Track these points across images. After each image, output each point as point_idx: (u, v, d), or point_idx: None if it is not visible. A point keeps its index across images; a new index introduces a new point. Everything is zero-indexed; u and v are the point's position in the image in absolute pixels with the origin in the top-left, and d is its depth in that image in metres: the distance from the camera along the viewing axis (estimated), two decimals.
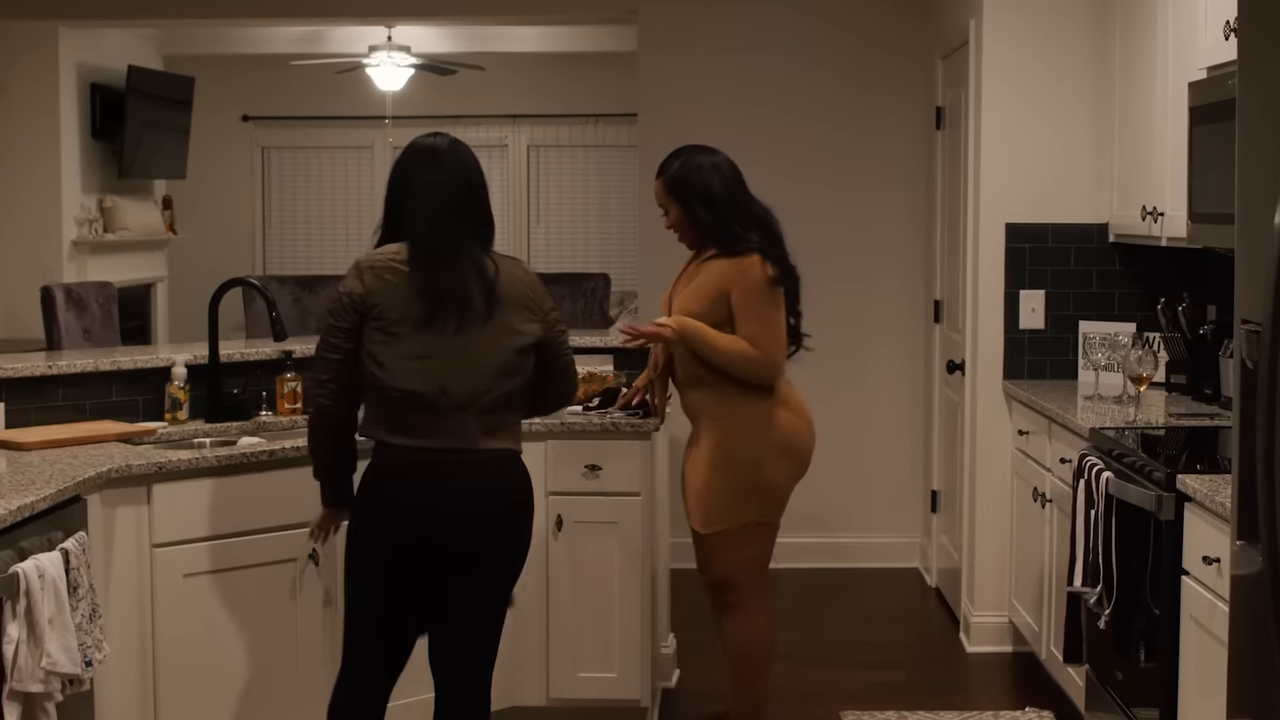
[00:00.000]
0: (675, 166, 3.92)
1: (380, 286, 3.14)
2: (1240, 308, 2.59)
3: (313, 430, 3.31)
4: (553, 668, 4.30)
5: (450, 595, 3.21)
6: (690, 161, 3.91)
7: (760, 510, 3.87)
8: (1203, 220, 3.72)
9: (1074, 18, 5.03)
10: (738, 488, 3.83)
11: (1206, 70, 3.75)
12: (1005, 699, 4.67)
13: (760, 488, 3.84)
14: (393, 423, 3.17)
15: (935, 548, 6.01)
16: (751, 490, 3.83)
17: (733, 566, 3.90)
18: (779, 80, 6.32)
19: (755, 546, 3.91)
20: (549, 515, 4.26)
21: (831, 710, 4.48)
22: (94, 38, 7.98)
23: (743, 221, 3.85)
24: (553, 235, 10.45)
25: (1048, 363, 5.08)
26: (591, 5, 7.24)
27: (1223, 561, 2.92)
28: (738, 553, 3.88)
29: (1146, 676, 3.46)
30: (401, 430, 3.16)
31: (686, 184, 3.87)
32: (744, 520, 3.85)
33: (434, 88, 9.72)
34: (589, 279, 7.64)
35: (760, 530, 3.89)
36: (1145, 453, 3.61)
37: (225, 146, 10.22)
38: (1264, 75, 2.50)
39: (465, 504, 3.16)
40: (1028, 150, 5.07)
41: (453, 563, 3.18)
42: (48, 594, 2.84)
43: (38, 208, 7.66)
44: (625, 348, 4.82)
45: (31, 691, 2.80)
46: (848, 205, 6.36)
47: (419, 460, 3.15)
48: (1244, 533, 2.53)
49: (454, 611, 3.22)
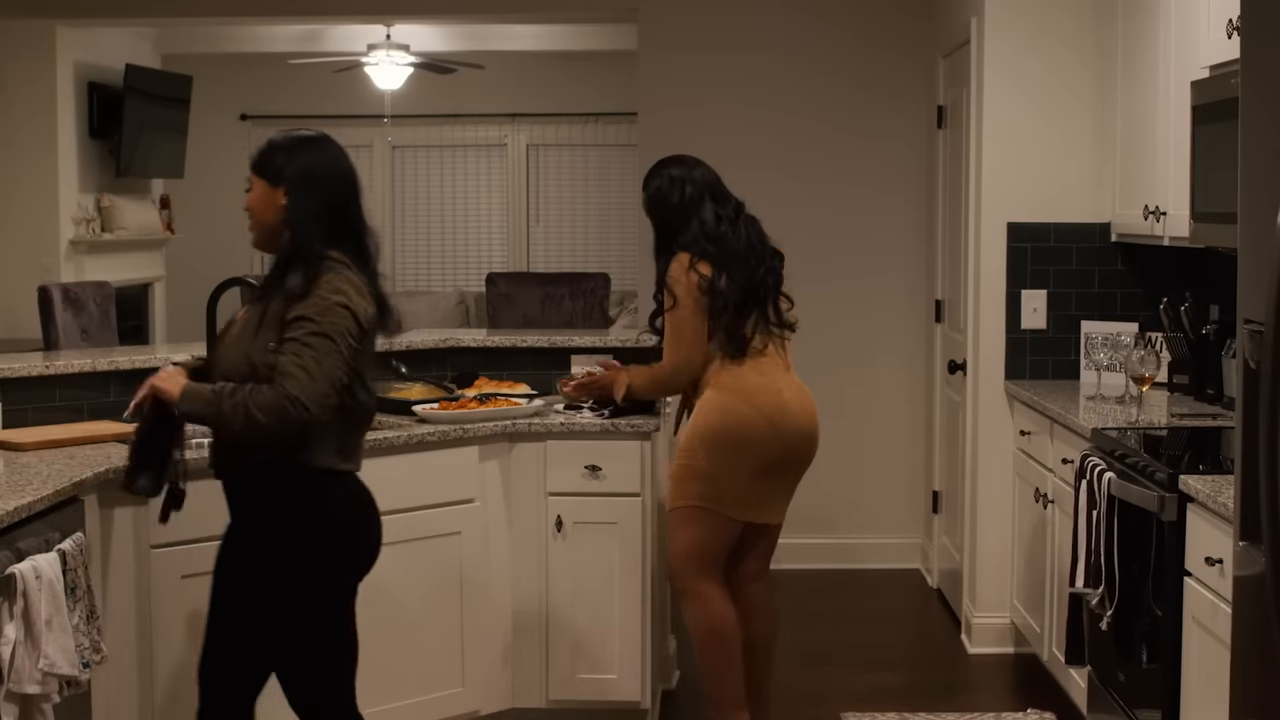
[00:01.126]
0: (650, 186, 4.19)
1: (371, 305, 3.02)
2: (1243, 307, 2.59)
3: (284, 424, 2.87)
4: (552, 669, 4.29)
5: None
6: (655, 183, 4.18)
7: (702, 496, 3.93)
8: (1205, 220, 3.71)
9: (1076, 16, 5.01)
10: (680, 470, 3.96)
11: (1209, 69, 3.74)
12: (1007, 700, 4.66)
13: (700, 474, 3.92)
14: (347, 448, 3.03)
15: (936, 548, 6.00)
16: (691, 475, 3.93)
17: (673, 549, 4.01)
18: (779, 80, 6.30)
19: (695, 531, 3.95)
20: (548, 516, 4.25)
21: (832, 711, 4.46)
22: (92, 36, 7.96)
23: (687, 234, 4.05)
24: (552, 235, 10.43)
25: (1049, 363, 5.07)
26: (591, 4, 7.23)
27: (1225, 562, 2.91)
28: (676, 533, 3.99)
29: (1149, 678, 3.44)
30: (351, 456, 3.05)
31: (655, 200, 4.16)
32: (685, 502, 3.94)
33: (433, 87, 9.71)
34: (589, 279, 7.62)
35: (701, 515, 3.93)
36: (1147, 453, 3.60)
37: (223, 145, 10.20)
38: (1267, 74, 2.49)
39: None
40: (1030, 149, 5.06)
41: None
42: (45, 595, 2.83)
43: (35, 207, 7.65)
44: (625, 347, 4.82)
45: (29, 693, 2.79)
46: (849, 204, 6.35)
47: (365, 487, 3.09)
48: (1246, 533, 2.53)
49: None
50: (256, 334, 2.95)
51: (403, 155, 10.43)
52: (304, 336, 2.87)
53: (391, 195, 10.42)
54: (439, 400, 4.35)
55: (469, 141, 10.41)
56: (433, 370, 4.76)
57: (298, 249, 2.95)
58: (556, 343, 4.88)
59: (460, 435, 4.15)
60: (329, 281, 2.92)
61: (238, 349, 2.98)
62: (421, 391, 4.44)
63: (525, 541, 4.28)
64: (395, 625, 4.01)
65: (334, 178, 3.02)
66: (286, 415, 2.84)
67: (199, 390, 2.92)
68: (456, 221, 10.49)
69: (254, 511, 3.00)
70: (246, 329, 2.99)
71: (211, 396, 2.89)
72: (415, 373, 4.66)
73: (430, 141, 10.40)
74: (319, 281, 2.91)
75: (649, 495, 4.29)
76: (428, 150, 10.44)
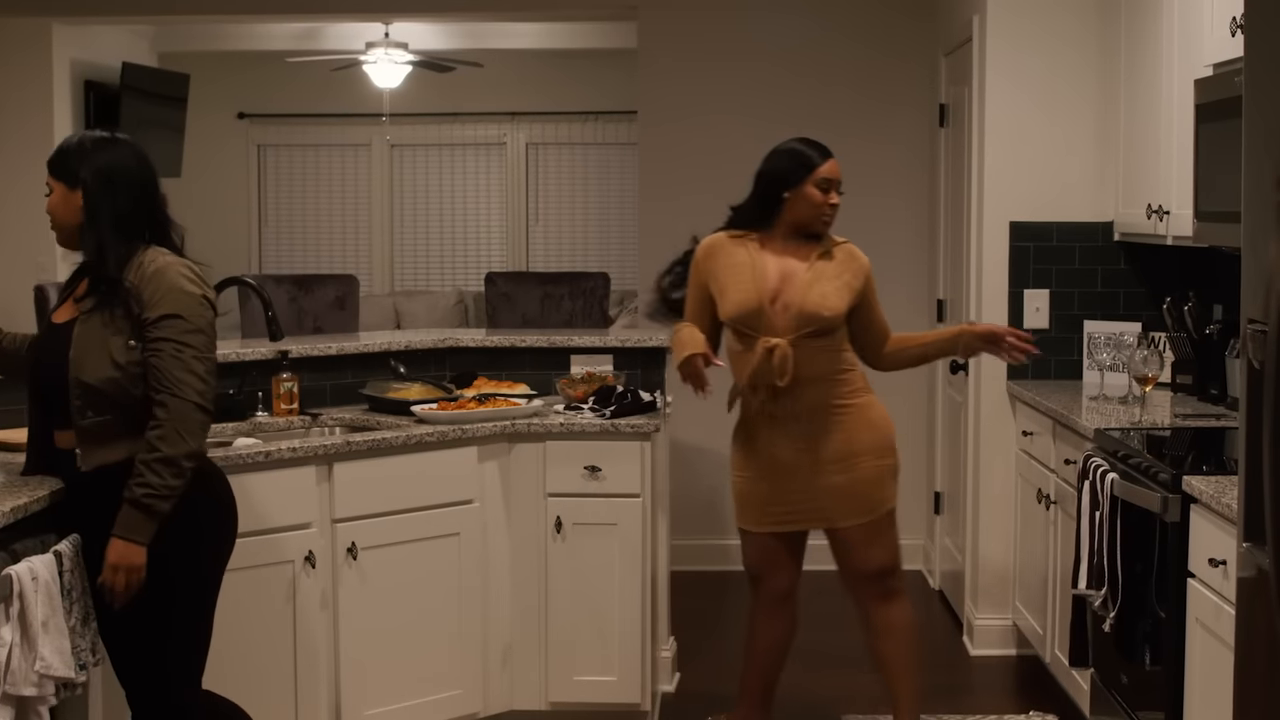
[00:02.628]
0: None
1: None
2: (1247, 307, 2.57)
3: (203, 431, 3.00)
4: (551, 671, 4.27)
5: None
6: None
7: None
8: (1209, 219, 3.69)
9: (1078, 14, 5.00)
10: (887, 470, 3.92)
11: (1213, 67, 3.72)
12: (1009, 703, 4.65)
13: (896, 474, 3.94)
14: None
15: (938, 550, 5.98)
16: (893, 475, 3.93)
17: (894, 548, 3.98)
18: (780, 79, 6.28)
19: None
20: (548, 517, 4.24)
21: (833, 713, 4.45)
22: (88, 35, 7.94)
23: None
24: (551, 234, 10.41)
25: (1052, 363, 5.05)
26: (591, 1, 7.21)
27: (1229, 564, 2.89)
28: (891, 533, 3.96)
29: (1152, 680, 3.43)
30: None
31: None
32: (893, 503, 3.94)
33: (432, 85, 9.69)
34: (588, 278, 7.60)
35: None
36: (1150, 454, 3.58)
37: (221, 144, 10.19)
38: (1271, 72, 2.47)
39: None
40: (1032, 148, 5.05)
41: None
42: (41, 597, 2.81)
43: (31, 205, 7.59)
44: (624, 347, 4.80)
45: (25, 695, 2.78)
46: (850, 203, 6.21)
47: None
48: (1250, 534, 2.52)
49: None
50: (109, 335, 2.96)
51: (401, 154, 10.41)
52: (180, 335, 2.94)
53: (390, 194, 10.40)
54: (437, 400, 4.33)
55: (468, 140, 10.39)
56: (431, 370, 4.75)
57: (101, 248, 2.99)
58: (556, 343, 4.86)
59: (459, 436, 4.13)
60: (175, 272, 2.98)
61: (99, 354, 2.96)
62: (420, 392, 4.43)
63: (524, 543, 4.26)
64: (394, 627, 4.00)
65: (130, 176, 3.05)
66: (201, 423, 2.96)
67: (133, 516, 2.91)
68: (455, 221, 10.47)
69: (110, 506, 2.97)
70: (93, 331, 2.98)
71: (144, 496, 2.90)
72: (414, 373, 4.64)
73: (429, 140, 10.38)
74: (161, 272, 2.96)
75: (649, 496, 4.28)
76: (426, 149, 10.42)
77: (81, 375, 2.97)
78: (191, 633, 3.10)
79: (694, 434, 5.93)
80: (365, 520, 3.94)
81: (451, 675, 4.14)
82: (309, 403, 4.45)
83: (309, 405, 4.44)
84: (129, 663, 3.07)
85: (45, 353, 3.10)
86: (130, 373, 2.95)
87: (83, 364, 2.97)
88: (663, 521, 4.56)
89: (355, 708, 3.94)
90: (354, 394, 4.57)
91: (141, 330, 2.95)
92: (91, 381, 2.95)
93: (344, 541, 3.89)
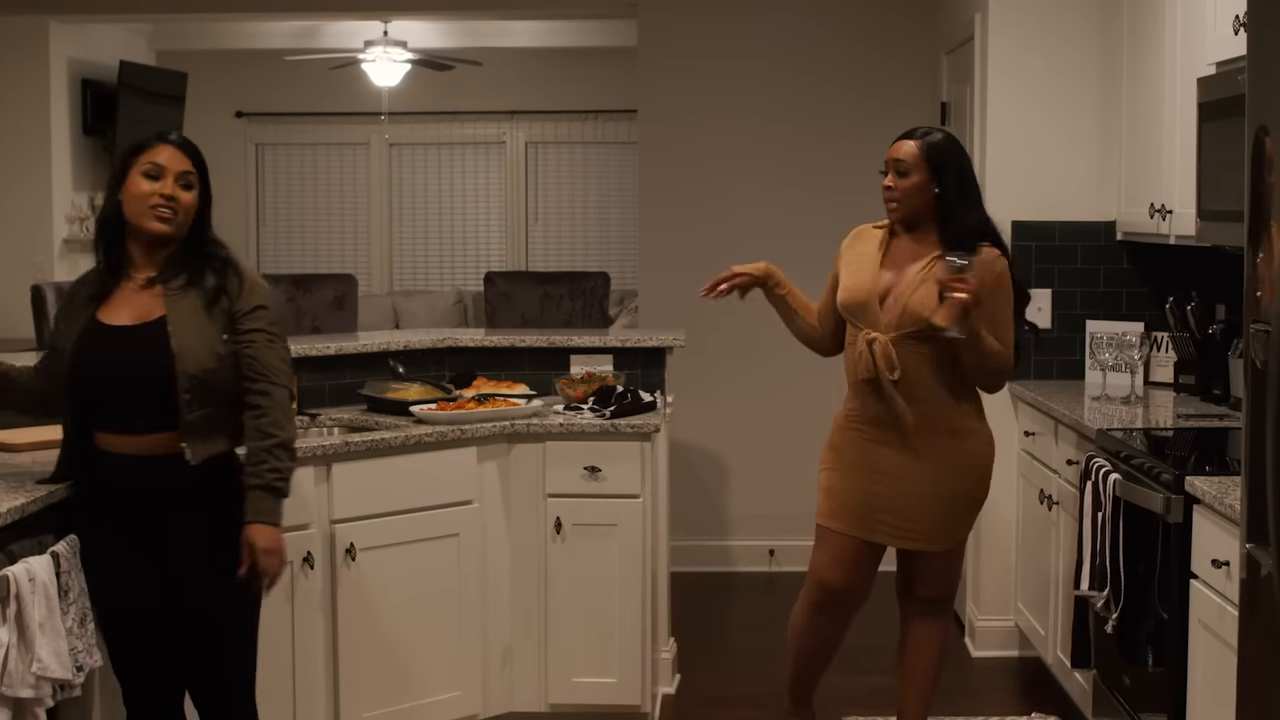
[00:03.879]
0: (938, 137, 3.71)
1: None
2: (1249, 307, 2.55)
3: (293, 424, 3.28)
4: (551, 673, 4.26)
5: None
6: (953, 140, 3.73)
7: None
8: (1212, 218, 3.68)
9: (1081, 12, 4.99)
10: (976, 501, 3.79)
11: (1216, 65, 3.71)
12: (1011, 704, 4.63)
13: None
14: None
15: None
16: (978, 506, 3.79)
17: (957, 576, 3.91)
18: (781, 77, 6.27)
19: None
20: (547, 517, 4.22)
21: (834, 714, 4.44)
22: (85, 33, 7.93)
23: (974, 216, 3.68)
24: (551, 233, 10.40)
25: (1054, 362, 5.04)
26: (591, 0, 7.19)
27: (1232, 565, 2.88)
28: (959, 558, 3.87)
29: (1154, 681, 3.42)
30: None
31: (949, 153, 3.68)
32: (969, 531, 3.84)
33: (431, 84, 9.68)
34: (588, 278, 7.61)
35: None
36: (1153, 454, 3.57)
37: (218, 143, 10.15)
38: (1274, 70, 2.46)
39: None
40: (1034, 147, 5.03)
41: None
42: (38, 598, 2.81)
43: (28, 205, 7.61)
44: (624, 347, 4.78)
45: (22, 697, 2.77)
46: (850, 203, 6.29)
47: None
48: (1253, 535, 2.51)
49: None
50: (209, 328, 3.04)
51: (400, 153, 10.39)
52: (269, 326, 3.09)
53: (389, 193, 10.38)
54: (437, 401, 4.32)
55: (467, 139, 10.38)
56: (430, 370, 4.73)
57: (202, 241, 3.17)
58: (555, 342, 4.85)
59: (458, 436, 4.12)
60: (245, 265, 3.16)
61: (204, 347, 3.02)
62: (419, 392, 4.42)
63: (524, 543, 4.25)
64: (393, 628, 3.98)
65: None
66: (293, 411, 3.09)
67: (267, 501, 3.02)
68: (454, 220, 10.46)
69: (222, 497, 3.06)
70: (189, 326, 3.03)
71: (275, 480, 3.03)
72: (413, 373, 4.63)
73: (428, 139, 10.37)
74: (238, 266, 3.14)
75: (649, 497, 4.26)
76: (425, 148, 10.40)
77: (189, 369, 2.99)
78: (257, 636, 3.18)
79: (694, 434, 5.93)
80: (364, 521, 3.93)
81: (451, 677, 4.13)
82: (307, 403, 4.43)
83: (307, 405, 4.42)
84: (209, 669, 3.10)
85: (97, 352, 3.05)
86: (227, 364, 3.04)
87: (188, 358, 3.00)
88: (663, 522, 4.54)
89: (354, 709, 3.92)
90: (352, 394, 4.56)
91: (233, 322, 3.05)
92: (198, 374, 3.00)
93: (343, 542, 3.88)
